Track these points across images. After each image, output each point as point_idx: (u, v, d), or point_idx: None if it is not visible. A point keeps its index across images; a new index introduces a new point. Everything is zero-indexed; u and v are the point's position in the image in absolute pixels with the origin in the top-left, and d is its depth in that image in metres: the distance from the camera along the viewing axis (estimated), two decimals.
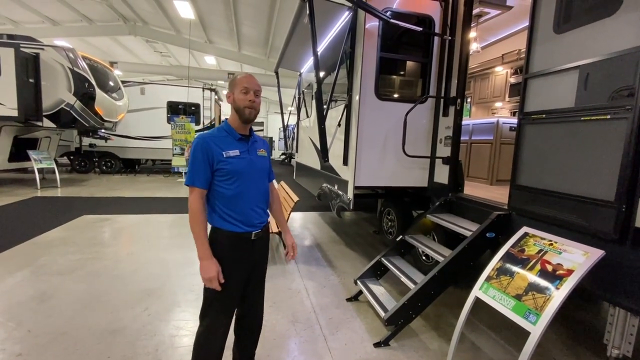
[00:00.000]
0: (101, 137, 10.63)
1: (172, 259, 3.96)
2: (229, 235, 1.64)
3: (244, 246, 1.69)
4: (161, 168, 14.34)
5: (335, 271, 3.82)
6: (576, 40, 2.04)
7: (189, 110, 11.93)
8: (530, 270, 1.95)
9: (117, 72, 12.59)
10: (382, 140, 3.55)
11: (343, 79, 3.77)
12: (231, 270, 1.65)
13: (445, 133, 3.45)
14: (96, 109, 8.58)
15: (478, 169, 4.58)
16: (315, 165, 5.27)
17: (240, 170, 1.62)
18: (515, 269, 2.03)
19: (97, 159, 11.69)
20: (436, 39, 3.50)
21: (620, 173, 1.74)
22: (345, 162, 3.68)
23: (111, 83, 9.65)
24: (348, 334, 2.57)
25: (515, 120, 4.42)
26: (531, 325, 1.73)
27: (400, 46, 3.75)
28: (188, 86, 12.18)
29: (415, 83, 3.85)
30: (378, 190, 4.47)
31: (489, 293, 2.06)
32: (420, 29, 3.28)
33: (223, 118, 17.05)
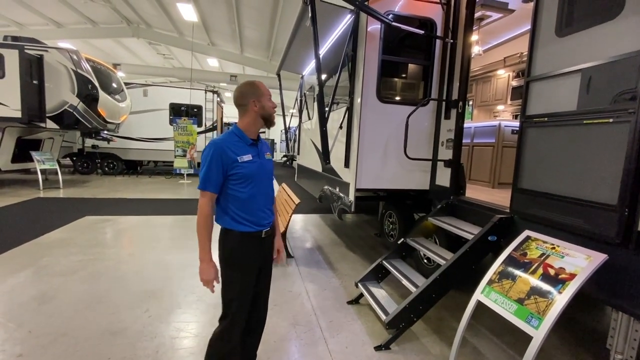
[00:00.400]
0: (104, 139, 10.67)
1: (173, 261, 3.96)
2: (241, 235, 1.69)
3: (256, 244, 1.75)
4: (163, 169, 14.38)
5: (336, 273, 3.81)
6: (578, 43, 2.04)
7: (191, 112, 11.98)
8: (533, 274, 1.94)
9: (120, 74, 12.67)
10: (384, 143, 3.55)
11: (345, 81, 3.78)
12: (245, 268, 1.72)
13: (447, 136, 3.44)
14: (99, 110, 8.62)
15: (480, 171, 4.57)
16: (317, 167, 5.27)
17: (253, 174, 1.68)
18: (517, 272, 2.02)
19: (100, 160, 11.74)
20: (438, 42, 3.50)
21: (623, 177, 1.74)
22: (347, 165, 3.68)
23: (114, 85, 9.71)
24: (349, 337, 2.56)
25: (517, 123, 4.41)
26: (533, 329, 1.72)
27: (402, 49, 3.76)
28: (190, 88, 12.23)
29: (417, 86, 3.86)
30: (379, 192, 4.46)
31: (490, 297, 2.05)
32: (422, 32, 3.28)
33: (225, 120, 17.12)
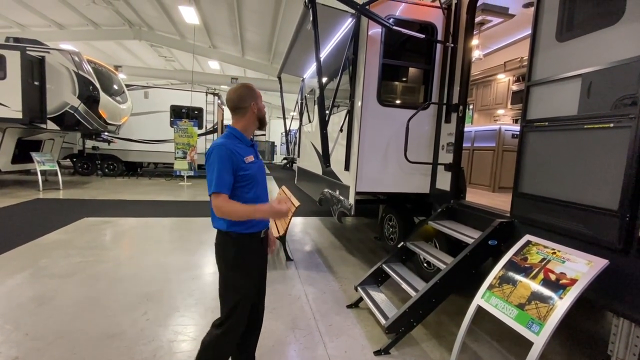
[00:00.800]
0: (104, 140, 10.68)
1: (173, 263, 3.94)
2: (242, 236, 1.69)
3: (257, 245, 1.76)
4: (163, 171, 14.38)
5: (335, 277, 3.79)
6: (579, 48, 2.04)
7: (192, 115, 11.99)
8: (533, 279, 1.93)
9: (122, 76, 12.72)
10: (384, 146, 3.55)
11: (345, 84, 3.78)
12: (251, 271, 1.73)
13: (447, 139, 3.44)
14: (100, 112, 8.64)
15: (480, 175, 4.56)
16: (317, 170, 5.27)
17: (255, 175, 1.71)
18: (518, 277, 2.01)
19: (100, 162, 11.74)
20: (439, 46, 3.51)
21: (624, 182, 1.73)
22: (347, 168, 3.68)
23: (115, 86, 9.74)
24: (348, 341, 2.54)
25: (517, 127, 4.42)
26: (534, 335, 1.71)
27: (402, 53, 3.77)
28: (192, 90, 12.27)
29: (418, 89, 3.86)
30: (379, 196, 4.46)
31: (491, 302, 2.04)
32: (423, 36, 3.29)
33: (226, 122, 17.15)
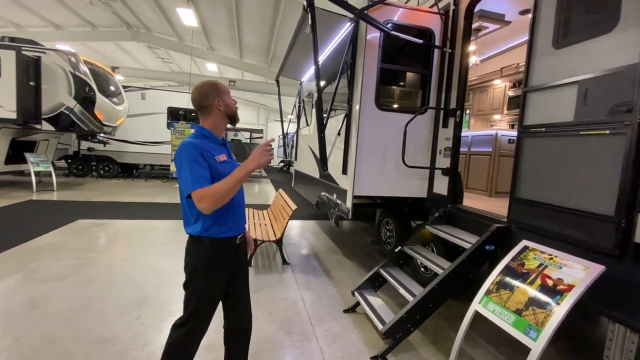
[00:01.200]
0: (100, 141, 10.61)
1: (168, 267, 3.90)
2: (215, 241, 1.60)
3: (230, 251, 1.67)
4: (159, 173, 14.29)
5: (332, 281, 3.77)
6: (575, 55, 2.06)
7: (189, 117, 11.95)
8: (531, 284, 1.93)
9: (119, 77, 12.66)
10: (382, 150, 3.55)
11: (343, 88, 3.79)
12: (218, 278, 1.65)
13: (444, 144, 3.46)
14: (96, 113, 8.58)
15: (477, 180, 4.58)
16: (314, 173, 5.26)
17: (230, 174, 1.59)
18: (515, 283, 2.01)
19: (95, 163, 11.65)
20: (436, 51, 3.53)
21: (620, 188, 1.74)
22: (345, 171, 3.68)
23: (112, 88, 9.69)
24: (345, 347, 2.52)
25: (513, 132, 4.45)
26: (532, 341, 1.70)
27: (400, 57, 3.79)
28: (189, 92, 12.23)
29: (415, 94, 3.88)
30: (377, 200, 4.45)
31: (488, 307, 2.04)
32: (421, 41, 3.31)
33: None
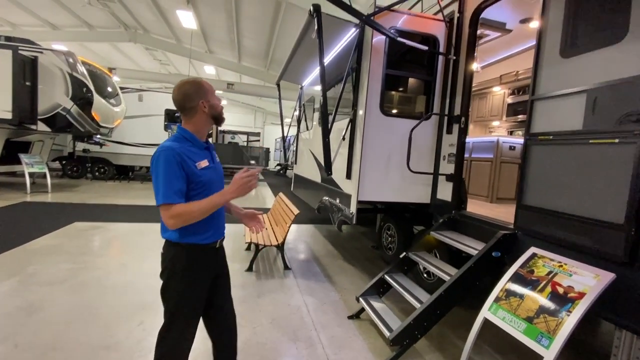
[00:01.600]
0: (96, 143, 10.49)
1: None
2: (193, 248, 1.56)
3: (209, 257, 1.63)
4: None
5: (335, 287, 3.75)
6: (583, 64, 2.09)
7: None
8: (541, 292, 1.93)
9: (115, 78, 12.55)
10: (386, 155, 3.55)
11: (347, 93, 3.79)
12: (196, 285, 1.60)
13: (448, 150, 3.47)
14: (93, 114, 8.49)
15: (478, 186, 4.60)
16: (315, 178, 5.25)
17: (211, 181, 1.56)
18: (524, 290, 2.01)
19: (90, 165, 11.50)
20: (440, 58, 3.56)
21: (630, 196, 1.76)
22: (349, 176, 3.67)
23: (109, 89, 9.61)
24: (351, 354, 2.49)
25: (514, 139, 4.49)
26: (544, 349, 1.70)
27: (404, 64, 3.81)
28: None
29: (419, 100, 3.90)
30: (378, 205, 4.45)
31: (498, 314, 2.03)
32: (426, 48, 3.34)
33: (220, 128, 17.05)
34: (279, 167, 20.52)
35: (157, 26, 13.00)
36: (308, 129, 6.42)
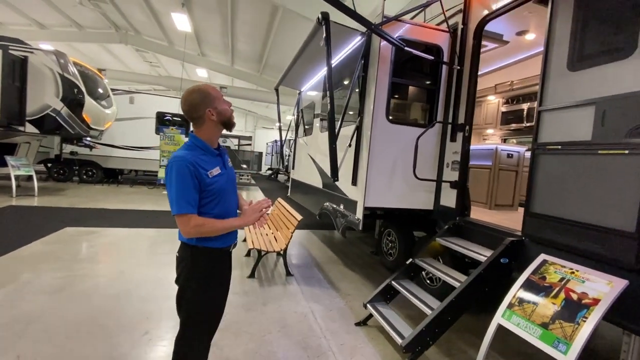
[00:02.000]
0: (86, 145, 10.21)
1: (167, 278, 3.75)
2: (211, 251, 1.59)
3: (225, 259, 1.69)
4: (145, 179, 13.87)
5: (339, 293, 3.74)
6: (591, 78, 2.17)
7: (178, 122, 11.67)
8: (555, 298, 1.97)
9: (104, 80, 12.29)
10: (391, 162, 3.59)
11: (351, 100, 3.81)
12: (221, 287, 1.66)
13: (452, 158, 3.53)
14: (84, 116, 8.28)
15: (476, 193, 4.67)
16: (316, 183, 5.25)
17: (223, 188, 1.58)
18: (538, 296, 2.05)
19: (78, 168, 11.18)
20: (444, 68, 3.63)
21: None
22: (354, 183, 3.69)
23: (100, 90, 9.40)
24: None
25: (512, 147, 4.60)
26: (562, 355, 1.73)
27: (407, 72, 3.86)
28: (178, 97, 12.01)
29: (423, 108, 3.96)
30: (377, 210, 4.47)
31: (512, 320, 2.07)
32: (433, 57, 3.41)
33: None
34: (270, 172, 20.42)
35: (150, 28, 12.83)
36: (306, 135, 6.43)
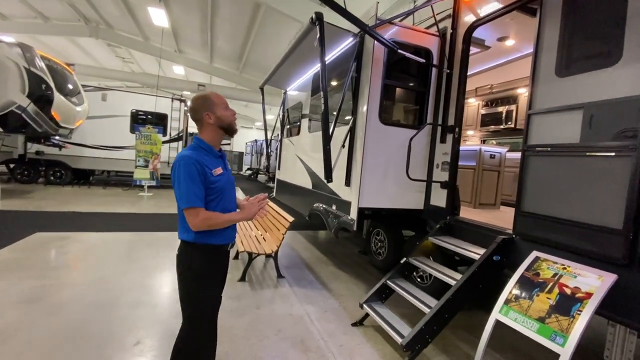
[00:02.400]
0: (55, 145, 9.58)
1: (152, 284, 3.60)
2: (210, 248, 1.66)
3: (222, 257, 1.77)
4: (118, 180, 13.23)
5: (332, 294, 3.73)
6: (579, 84, 2.29)
7: (154, 121, 11.24)
8: (549, 293, 2.07)
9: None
10: (384, 163, 3.63)
11: (342, 101, 3.81)
12: (217, 284, 1.75)
13: (442, 159, 3.62)
14: (52, 113, 7.76)
15: (461, 192, 4.82)
16: (305, 184, 5.21)
17: (224, 187, 1.68)
18: (533, 292, 2.14)
19: (45, 169, 10.49)
20: (434, 70, 3.72)
21: (627, 204, 1.95)
22: (348, 183, 3.70)
23: (70, 86, 8.84)
24: None
25: (494, 148, 4.79)
26: (559, 347, 1.82)
27: (399, 75, 3.92)
28: (157, 95, 11.56)
29: (414, 110, 4.04)
30: (365, 211, 4.50)
31: (509, 316, 2.15)
32: (424, 60, 3.48)
33: (190, 130, 16.37)
34: (250, 172, 20.12)
35: (123, 22, 12.25)
36: (293, 135, 6.38)
